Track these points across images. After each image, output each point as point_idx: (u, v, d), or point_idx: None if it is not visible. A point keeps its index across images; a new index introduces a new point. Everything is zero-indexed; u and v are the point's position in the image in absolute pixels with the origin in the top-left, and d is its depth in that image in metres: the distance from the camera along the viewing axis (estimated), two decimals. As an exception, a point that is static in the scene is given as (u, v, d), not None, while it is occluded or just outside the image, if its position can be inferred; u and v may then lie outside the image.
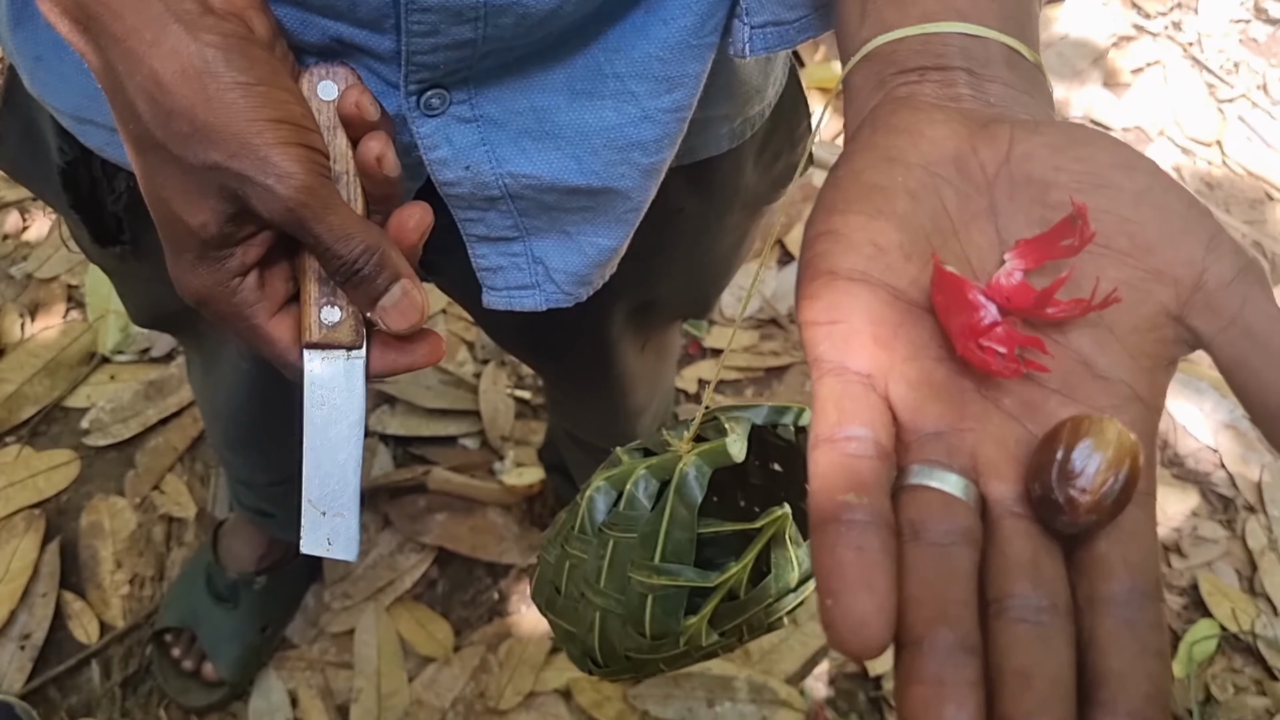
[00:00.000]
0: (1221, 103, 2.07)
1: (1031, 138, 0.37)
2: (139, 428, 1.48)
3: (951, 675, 0.30)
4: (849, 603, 0.30)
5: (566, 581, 0.69)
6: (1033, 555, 0.33)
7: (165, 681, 1.31)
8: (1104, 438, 0.32)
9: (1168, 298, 0.35)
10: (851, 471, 0.32)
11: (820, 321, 0.35)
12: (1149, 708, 0.30)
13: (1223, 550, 1.55)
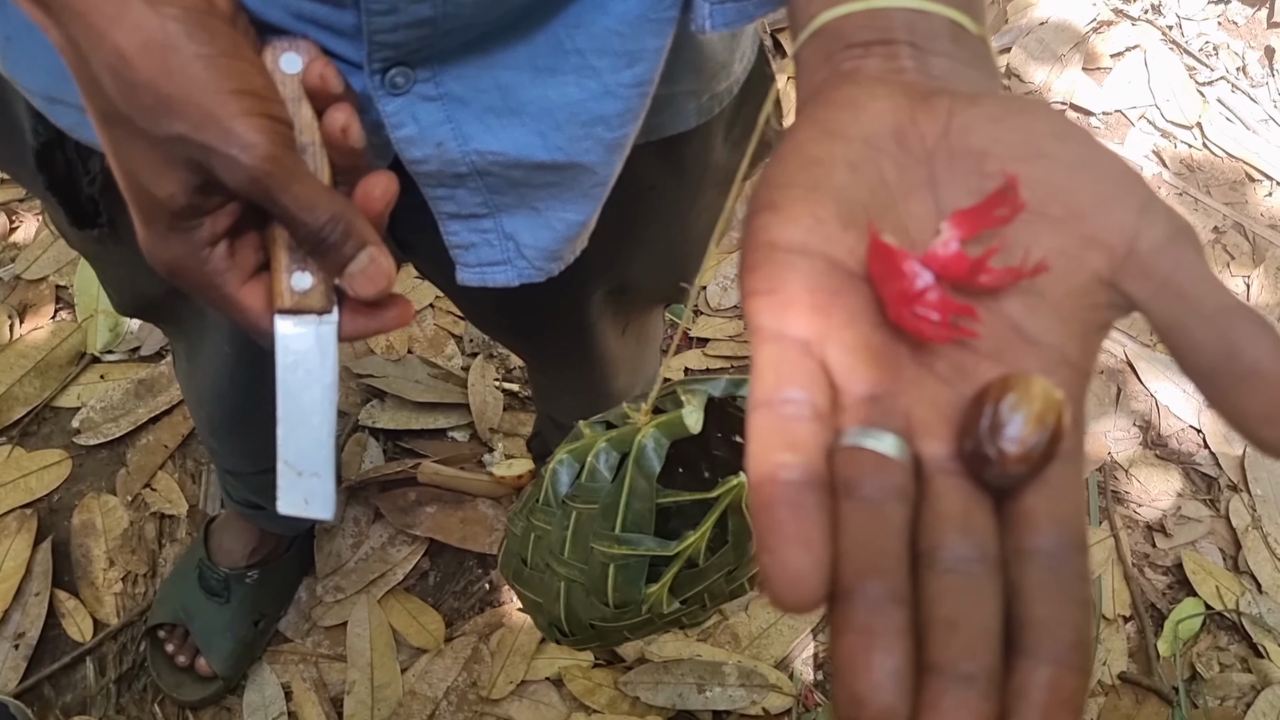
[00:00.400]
0: (1201, 86, 2.09)
1: (970, 109, 0.38)
2: (129, 426, 1.49)
3: (880, 625, 0.31)
4: (784, 558, 0.30)
5: (532, 553, 0.71)
6: (963, 509, 0.34)
7: (159, 677, 1.32)
8: (1030, 393, 0.33)
9: (1100, 263, 0.36)
10: (787, 432, 0.33)
11: (760, 291, 0.36)
12: (1072, 654, 0.31)
13: (1207, 529, 1.57)
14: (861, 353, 0.35)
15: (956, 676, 0.30)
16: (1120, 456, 1.62)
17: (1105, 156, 0.37)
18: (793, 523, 0.31)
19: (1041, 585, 0.32)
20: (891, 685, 0.30)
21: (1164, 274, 0.35)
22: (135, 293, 0.87)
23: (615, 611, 0.67)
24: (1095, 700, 1.40)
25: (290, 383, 0.55)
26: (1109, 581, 1.50)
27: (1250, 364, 0.32)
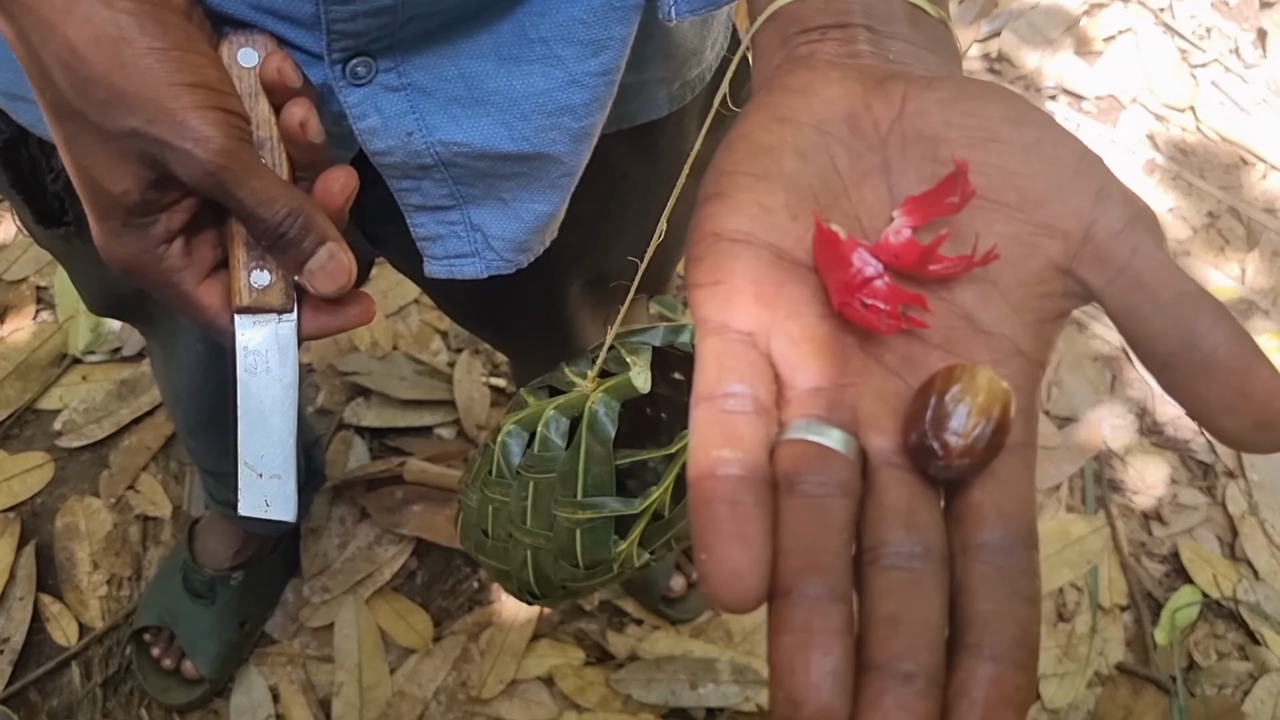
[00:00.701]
0: (1194, 68, 2.07)
1: (924, 93, 0.37)
2: (112, 428, 1.47)
3: (819, 623, 0.30)
4: (722, 557, 0.30)
5: (492, 524, 0.70)
6: (908, 503, 0.33)
7: (146, 681, 1.31)
8: (975, 384, 0.32)
9: (1056, 251, 0.35)
10: (728, 427, 0.32)
11: (704, 283, 0.35)
12: (1016, 651, 0.30)
13: (1203, 517, 1.55)
14: (807, 345, 0.35)
15: (896, 675, 0.29)
16: (1116, 445, 1.60)
17: (1063, 140, 0.35)
18: (730, 520, 0.30)
19: (986, 581, 0.31)
20: (830, 685, 0.29)
21: (1121, 261, 0.34)
22: (105, 291, 0.86)
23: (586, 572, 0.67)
24: (1092, 691, 1.39)
25: (250, 383, 0.54)
26: (1105, 570, 1.48)
27: (1208, 352, 0.31)
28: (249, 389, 0.54)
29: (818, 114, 0.38)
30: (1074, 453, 1.59)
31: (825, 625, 0.30)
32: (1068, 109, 1.99)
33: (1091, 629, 1.43)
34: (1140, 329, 0.33)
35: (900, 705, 0.29)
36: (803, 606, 0.30)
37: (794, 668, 0.29)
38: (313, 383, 1.53)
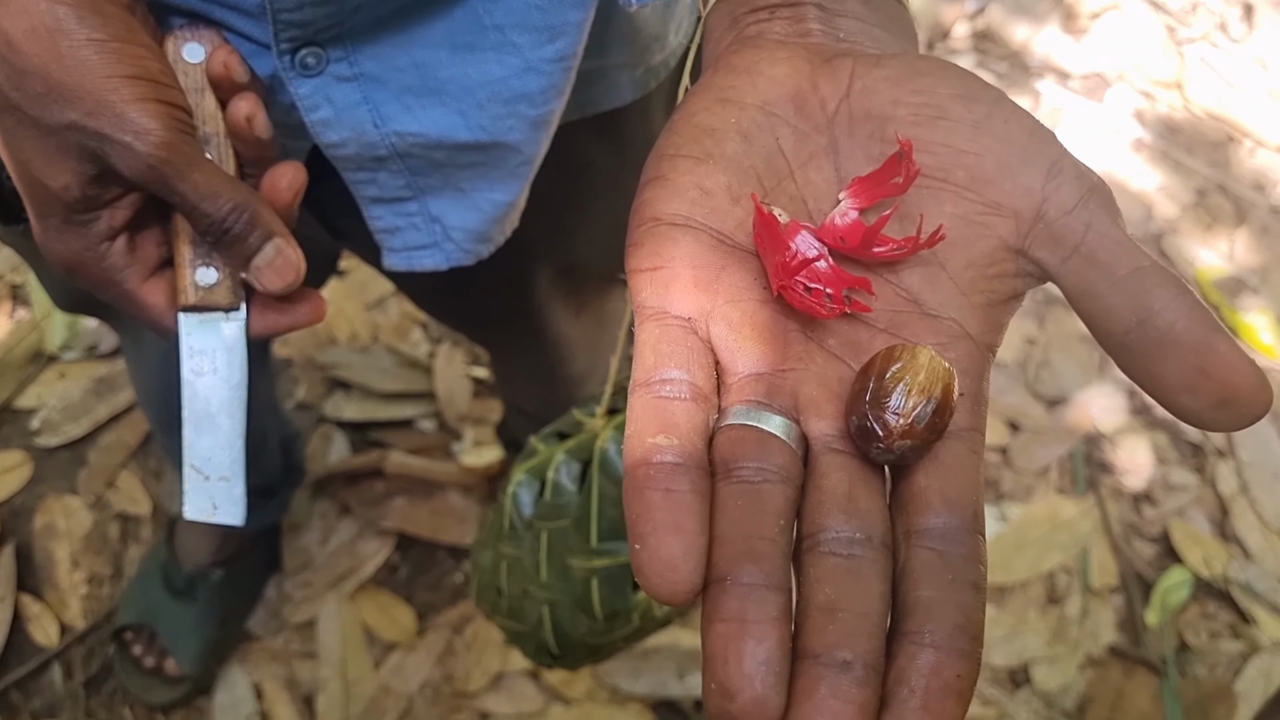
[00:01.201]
0: (1181, 44, 2.05)
1: (872, 71, 0.36)
2: (90, 426, 1.46)
3: (754, 612, 0.29)
4: (656, 546, 0.29)
5: (507, 582, 0.68)
6: (848, 489, 0.32)
7: (127, 680, 1.29)
8: (915, 364, 0.32)
9: (1007, 231, 0.34)
10: (663, 413, 0.32)
11: (643, 268, 0.35)
12: (958, 638, 0.29)
13: (1194, 497, 1.54)
14: (747, 329, 0.34)
15: (833, 664, 0.29)
16: (1105, 426, 1.59)
17: (1013, 117, 0.34)
18: (664, 509, 0.29)
19: (928, 567, 0.31)
20: (763, 675, 0.28)
21: (1075, 239, 0.33)
22: (70, 288, 0.85)
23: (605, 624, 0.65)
24: (1084, 673, 1.38)
25: (196, 384, 0.52)
26: (1095, 552, 1.47)
27: (1165, 329, 0.30)
28: (195, 390, 0.52)
29: (763, 94, 0.37)
30: (1063, 434, 1.58)
31: (760, 614, 0.29)
32: (1054, 86, 1.97)
33: (1082, 611, 1.42)
34: (1096, 307, 0.32)
35: (836, 694, 0.28)
36: (736, 594, 0.29)
37: (727, 657, 0.28)
38: (292, 376, 1.52)
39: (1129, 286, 0.31)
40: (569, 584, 0.63)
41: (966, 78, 0.36)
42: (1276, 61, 2.04)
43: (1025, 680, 1.37)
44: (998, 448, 1.56)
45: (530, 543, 0.65)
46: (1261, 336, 1.68)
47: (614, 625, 0.64)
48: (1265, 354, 1.67)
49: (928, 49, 2.01)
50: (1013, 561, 1.45)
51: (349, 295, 1.59)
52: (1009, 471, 1.54)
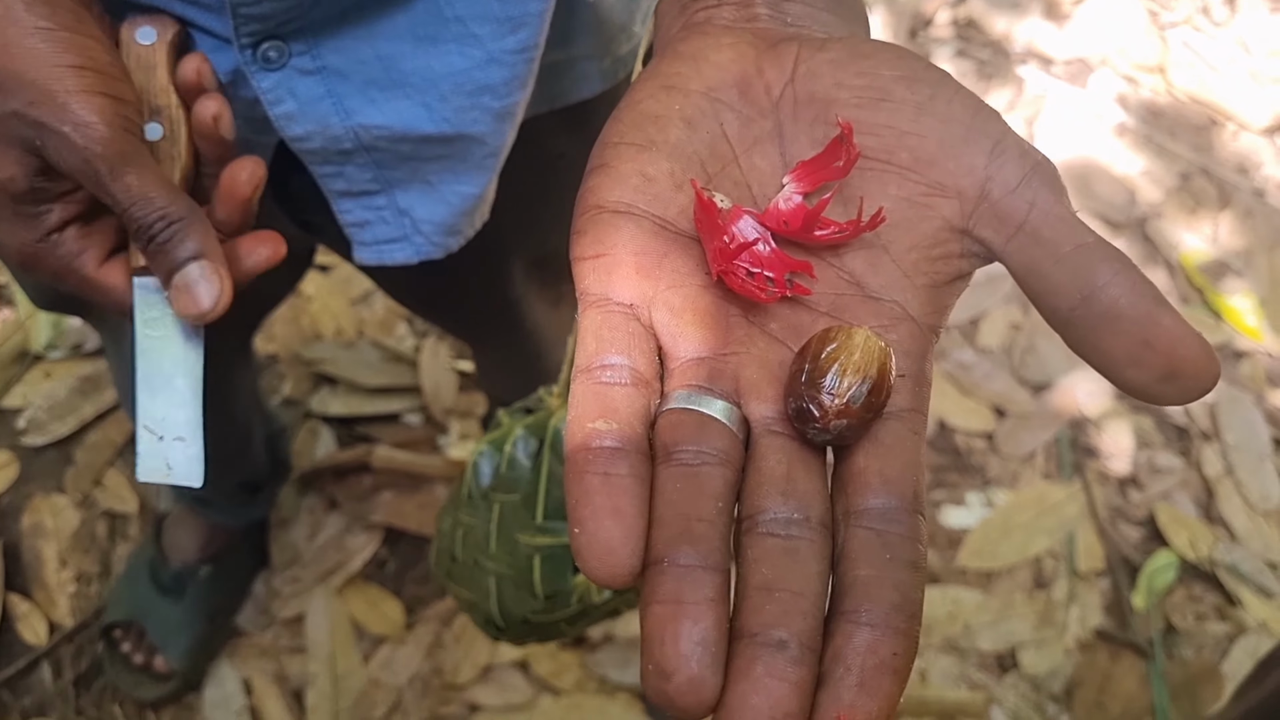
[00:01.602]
0: (1164, 28, 2.05)
1: (816, 55, 0.36)
2: (76, 424, 1.46)
3: (690, 593, 0.29)
4: (594, 530, 0.29)
5: (462, 550, 0.69)
6: (786, 470, 0.32)
7: (117, 677, 1.30)
8: (850, 344, 0.32)
9: (951, 211, 0.34)
10: (603, 399, 0.32)
11: (586, 256, 0.35)
12: (894, 617, 0.30)
13: (1179, 480, 1.55)
14: (689, 315, 0.34)
15: (769, 643, 0.29)
16: (1091, 410, 1.59)
17: (957, 97, 0.35)
18: (603, 493, 0.30)
19: (866, 546, 0.31)
20: (699, 655, 0.28)
21: (1019, 217, 0.33)
22: (45, 286, 0.85)
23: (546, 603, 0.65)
24: (1071, 657, 1.38)
25: (148, 345, 0.51)
26: (1082, 536, 1.48)
27: (1109, 304, 0.30)
28: (148, 351, 0.51)
29: (708, 80, 0.37)
30: (1049, 419, 1.58)
31: (696, 594, 0.29)
32: (1037, 72, 1.97)
33: (1069, 595, 1.43)
34: (1041, 285, 0.32)
35: (771, 673, 0.28)
36: (673, 576, 0.29)
37: (663, 638, 0.28)
38: (278, 372, 1.52)
39: (1073, 263, 0.31)
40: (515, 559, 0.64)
41: (910, 59, 0.36)
42: (1259, 44, 2.05)
43: (1013, 664, 1.37)
44: (983, 434, 1.56)
45: (484, 513, 0.65)
46: (1246, 319, 1.69)
47: (554, 606, 0.64)
48: (1250, 336, 1.68)
49: (910, 38, 2.01)
50: (999, 547, 1.46)
51: (334, 290, 1.59)
52: (995, 457, 1.55)
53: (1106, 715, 1.35)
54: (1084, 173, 1.84)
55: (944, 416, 1.56)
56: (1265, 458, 1.56)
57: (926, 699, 1.33)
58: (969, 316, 1.65)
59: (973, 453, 1.55)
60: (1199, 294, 1.73)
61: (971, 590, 1.42)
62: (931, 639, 1.38)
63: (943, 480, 1.52)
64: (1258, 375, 1.65)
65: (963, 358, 1.62)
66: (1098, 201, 1.81)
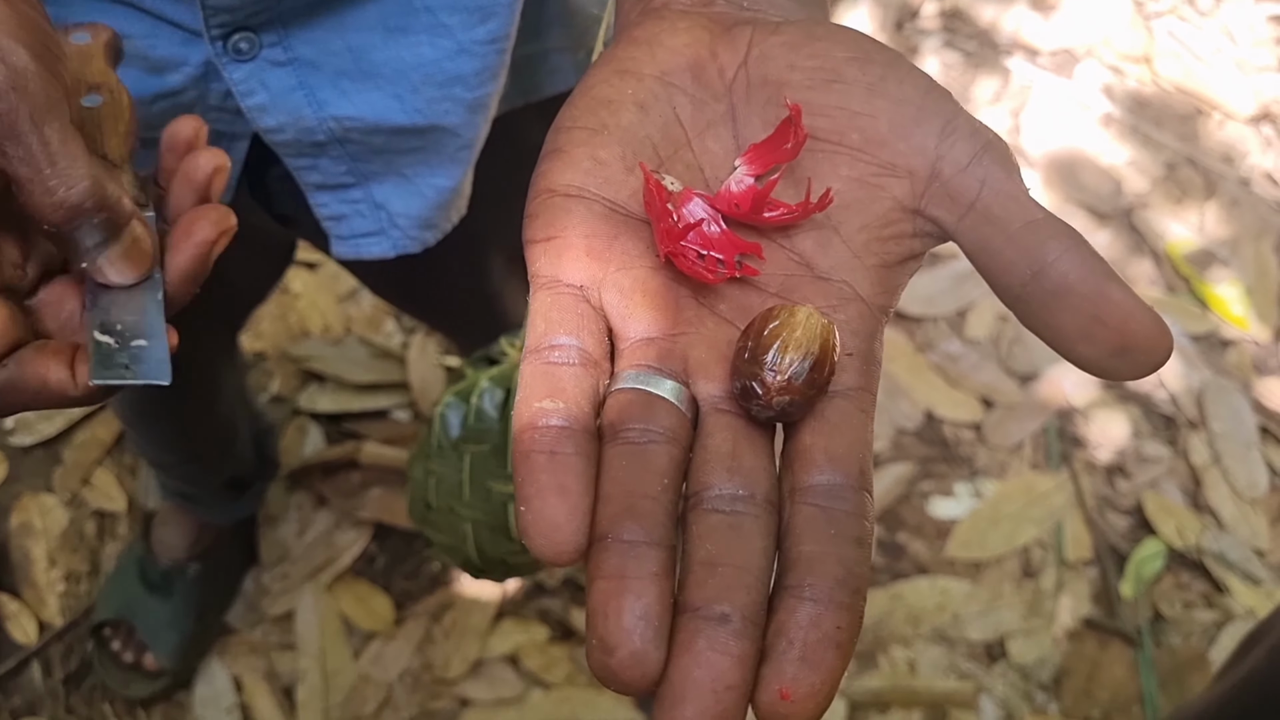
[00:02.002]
0: (1149, 19, 2.06)
1: (770, 38, 0.37)
2: (64, 424, 1.46)
3: (633, 568, 0.29)
4: (540, 508, 0.29)
5: (435, 497, 0.70)
6: (732, 447, 0.32)
7: (107, 675, 1.30)
8: (792, 322, 0.32)
9: (902, 191, 0.34)
10: (551, 379, 0.32)
11: (538, 239, 0.35)
12: (838, 591, 0.30)
13: (1166, 469, 1.55)
14: (638, 296, 0.34)
15: (711, 617, 0.29)
16: (1078, 400, 1.60)
17: (908, 77, 0.35)
18: (549, 471, 0.30)
19: (810, 523, 0.31)
20: (642, 629, 0.28)
21: (970, 196, 0.33)
22: None
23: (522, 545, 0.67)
24: (1059, 646, 1.39)
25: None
26: (1069, 526, 1.48)
27: (1059, 279, 0.30)
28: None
29: (661, 65, 0.37)
30: (1036, 409, 1.58)
31: (639, 570, 0.29)
32: (1024, 63, 1.97)
33: (1057, 584, 1.43)
34: (993, 262, 0.32)
35: (714, 646, 0.28)
36: (617, 552, 0.30)
37: (606, 612, 0.29)
38: (266, 370, 1.52)
39: (1023, 239, 0.32)
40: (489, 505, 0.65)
41: (863, 41, 0.36)
42: (1244, 34, 2.05)
43: (1001, 654, 1.38)
44: (971, 424, 1.57)
45: (455, 463, 0.66)
46: (1232, 308, 1.69)
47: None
48: (1236, 325, 1.68)
49: (896, 29, 2.01)
50: (988, 537, 1.46)
51: (321, 287, 1.59)
52: (983, 448, 1.55)
53: (1095, 703, 1.35)
54: (1070, 163, 1.85)
55: (932, 407, 1.57)
56: (1252, 446, 1.57)
57: (916, 689, 1.34)
58: (956, 308, 1.66)
59: (961, 443, 1.55)
60: (1185, 283, 1.73)
61: (960, 580, 1.43)
62: (920, 629, 1.38)
63: (931, 471, 1.52)
64: (1244, 364, 1.65)
65: (950, 349, 1.62)
66: (1084, 192, 1.81)
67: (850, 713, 1.32)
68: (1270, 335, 1.69)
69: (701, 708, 0.28)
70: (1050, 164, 1.83)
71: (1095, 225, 1.78)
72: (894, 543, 1.46)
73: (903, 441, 1.54)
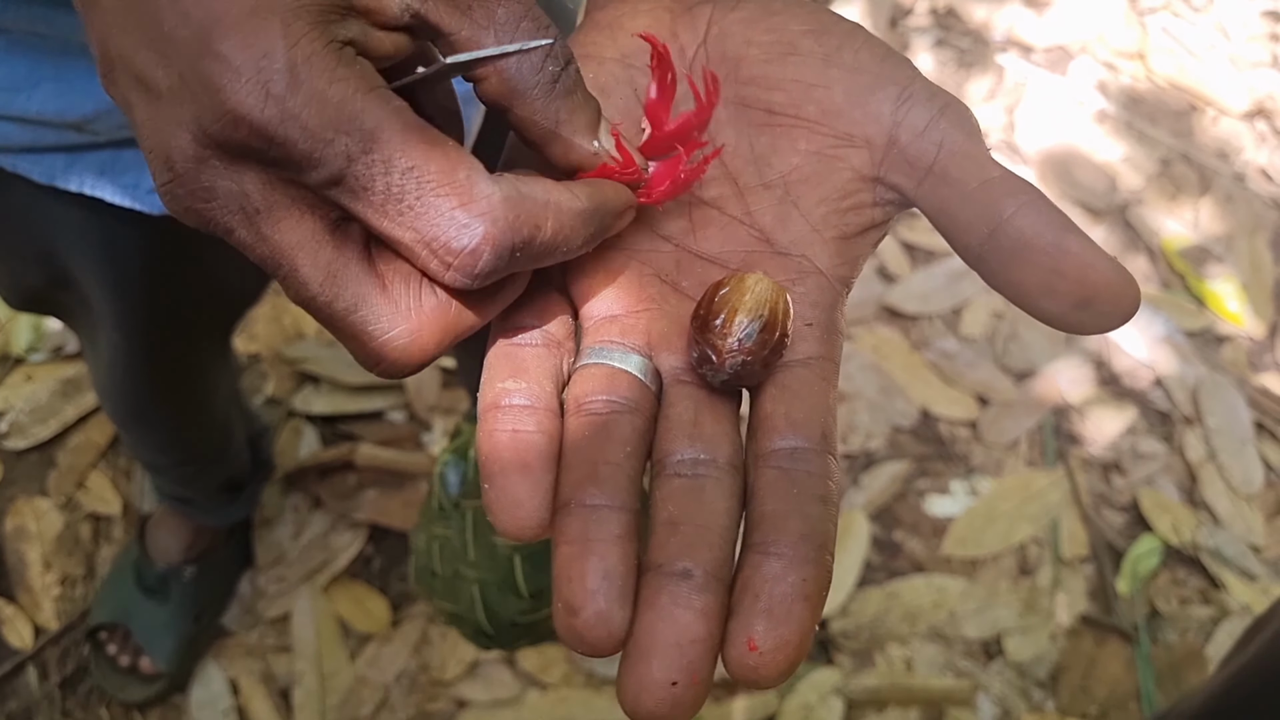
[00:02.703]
0: (1143, 14, 2.06)
1: (728, 15, 0.37)
2: (59, 427, 1.45)
3: (595, 531, 0.30)
4: (504, 485, 0.30)
5: (440, 563, 0.69)
6: (694, 415, 0.33)
7: (103, 679, 1.29)
8: (742, 288, 0.33)
9: (861, 161, 0.34)
10: (514, 360, 0.33)
11: None
12: (803, 546, 0.30)
13: (1162, 465, 1.55)
14: (601, 275, 0.35)
15: (673, 573, 0.29)
16: (1073, 397, 1.60)
17: (865, 46, 0.35)
18: (511, 448, 0.30)
19: (773, 484, 0.31)
20: (605, 589, 0.29)
21: (928, 160, 0.33)
22: (15, 284, 0.84)
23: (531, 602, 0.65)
24: (1056, 643, 1.39)
25: None
26: (1066, 523, 1.48)
27: (1016, 235, 0.30)
28: None
29: (622, 47, 0.38)
30: (1032, 406, 1.58)
31: (602, 533, 0.30)
32: (1017, 60, 1.97)
33: (1053, 582, 1.43)
34: (952, 224, 0.33)
35: (677, 602, 0.29)
36: (580, 516, 0.30)
37: (570, 575, 0.29)
38: (260, 371, 1.52)
39: (980, 198, 0.32)
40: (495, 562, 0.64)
41: (820, 13, 0.36)
42: (1237, 29, 2.05)
43: (998, 651, 1.38)
44: (967, 422, 1.57)
45: (458, 522, 0.66)
46: (1227, 304, 1.69)
47: (541, 603, 0.65)
48: (1231, 321, 1.68)
49: (890, 27, 2.01)
50: (984, 535, 1.46)
51: (316, 289, 1.58)
52: (979, 445, 1.55)
53: (1092, 700, 1.35)
54: (1065, 160, 1.85)
55: (928, 405, 1.57)
56: (1247, 442, 1.57)
57: (913, 687, 1.34)
58: (952, 306, 1.65)
59: (956, 441, 1.55)
60: (1180, 279, 1.73)
61: (956, 578, 1.43)
62: (917, 627, 1.38)
63: (927, 469, 1.52)
64: (1239, 360, 1.66)
65: (946, 346, 1.62)
66: (1079, 188, 1.81)
67: (847, 711, 1.31)
68: (1265, 331, 1.69)
69: (666, 662, 0.28)
70: (1045, 161, 1.83)
71: (1090, 222, 1.78)
72: (890, 541, 1.46)
73: (899, 439, 1.54)
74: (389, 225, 0.29)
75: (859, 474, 1.50)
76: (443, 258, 0.29)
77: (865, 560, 1.43)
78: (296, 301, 0.30)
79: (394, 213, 0.29)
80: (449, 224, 0.28)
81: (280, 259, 0.30)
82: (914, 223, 1.73)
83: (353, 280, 0.30)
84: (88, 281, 0.79)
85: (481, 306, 0.32)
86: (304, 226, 0.29)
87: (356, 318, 0.30)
